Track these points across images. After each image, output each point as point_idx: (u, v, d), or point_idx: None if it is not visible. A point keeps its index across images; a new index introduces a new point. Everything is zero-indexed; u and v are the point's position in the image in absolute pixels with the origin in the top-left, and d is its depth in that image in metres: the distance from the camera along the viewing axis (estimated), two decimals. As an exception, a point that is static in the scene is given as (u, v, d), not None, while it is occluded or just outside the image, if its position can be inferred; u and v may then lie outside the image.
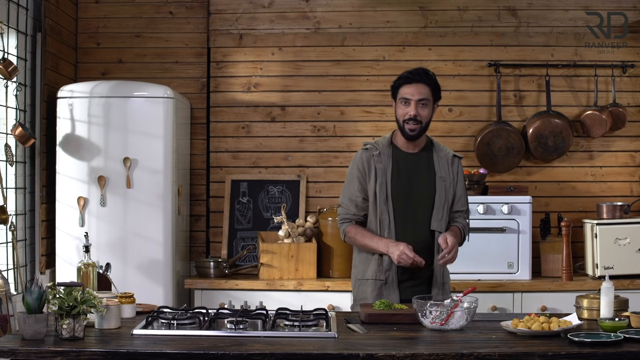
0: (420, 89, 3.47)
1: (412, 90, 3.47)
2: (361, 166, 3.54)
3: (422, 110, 3.47)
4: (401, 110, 3.50)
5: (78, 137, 4.46)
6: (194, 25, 5.11)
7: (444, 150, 3.64)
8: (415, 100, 3.46)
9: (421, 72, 3.51)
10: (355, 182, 3.55)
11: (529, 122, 4.96)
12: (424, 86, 3.48)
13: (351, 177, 3.59)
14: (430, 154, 3.58)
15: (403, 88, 3.49)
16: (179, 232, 4.66)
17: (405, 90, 3.48)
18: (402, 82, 3.50)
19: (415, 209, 3.51)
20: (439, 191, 3.52)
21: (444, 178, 3.55)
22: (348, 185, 3.60)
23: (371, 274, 3.51)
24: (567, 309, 3.78)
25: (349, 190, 3.58)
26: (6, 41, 4.06)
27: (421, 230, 3.51)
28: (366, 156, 3.54)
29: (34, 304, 2.75)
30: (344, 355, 2.56)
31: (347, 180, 3.61)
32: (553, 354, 2.56)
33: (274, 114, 5.08)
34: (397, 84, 3.53)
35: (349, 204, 3.57)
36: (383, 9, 5.06)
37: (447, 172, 3.57)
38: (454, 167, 3.60)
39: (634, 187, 5.02)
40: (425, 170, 3.55)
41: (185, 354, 2.57)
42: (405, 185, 3.50)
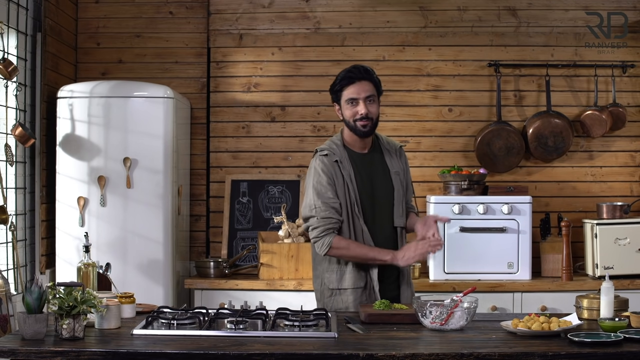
0: (364, 87, 3.44)
1: (357, 89, 3.43)
2: (328, 172, 3.42)
3: (371, 107, 3.45)
4: (349, 110, 3.45)
5: (78, 137, 4.46)
6: (194, 25, 5.11)
7: (390, 143, 3.64)
8: (363, 98, 3.43)
9: (361, 69, 3.47)
10: (327, 189, 3.41)
11: (529, 122, 4.96)
12: (367, 83, 3.45)
13: (319, 184, 3.42)
14: (379, 150, 3.59)
15: (347, 89, 3.44)
16: (179, 232, 4.66)
17: (350, 91, 3.44)
18: (344, 84, 3.45)
19: (379, 209, 3.50)
20: (396, 187, 3.53)
21: (397, 172, 3.56)
22: (319, 193, 3.41)
23: (350, 283, 3.44)
24: (567, 309, 3.78)
25: (322, 198, 3.40)
26: (6, 41, 4.07)
27: (387, 229, 3.51)
28: (329, 162, 3.45)
29: (34, 304, 2.75)
30: (344, 355, 2.56)
31: (315, 189, 3.42)
32: (553, 354, 2.56)
33: (274, 114, 5.08)
34: (340, 86, 3.46)
35: (326, 212, 3.39)
36: (383, 9, 5.06)
37: (398, 165, 3.59)
38: (402, 158, 3.63)
39: (634, 187, 5.02)
40: (380, 169, 3.54)
41: (185, 354, 2.57)
42: (367, 187, 3.48)
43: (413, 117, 5.03)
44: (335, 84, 3.50)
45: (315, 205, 3.42)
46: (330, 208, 3.40)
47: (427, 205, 4.80)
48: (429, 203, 4.72)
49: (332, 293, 3.49)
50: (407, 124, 5.04)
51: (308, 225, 3.45)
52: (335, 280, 3.47)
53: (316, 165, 3.46)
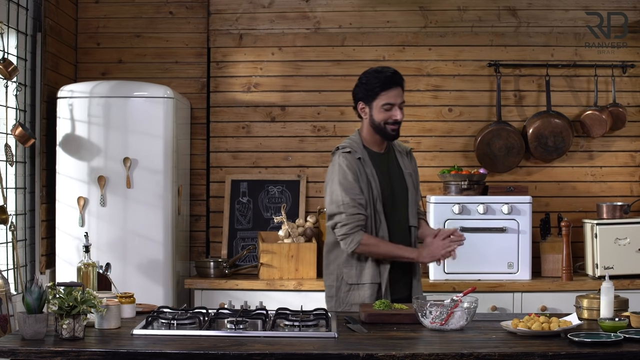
0: (399, 92, 3.49)
1: (394, 95, 3.47)
2: (353, 169, 3.45)
3: (402, 112, 3.50)
4: (382, 114, 3.47)
5: (78, 137, 4.46)
6: (194, 25, 5.11)
7: (400, 145, 3.70)
8: (398, 104, 3.48)
9: (398, 75, 3.50)
10: (354, 185, 3.43)
11: (529, 122, 4.96)
12: (400, 89, 3.50)
13: (346, 181, 3.43)
14: (392, 151, 3.63)
15: (385, 93, 3.46)
16: (179, 232, 4.66)
17: (388, 95, 3.46)
18: (384, 87, 3.46)
19: (396, 208, 3.54)
20: (410, 187, 3.59)
21: (410, 173, 3.63)
22: (346, 190, 3.42)
23: (368, 278, 3.47)
24: (567, 309, 3.78)
25: (350, 194, 3.41)
26: (6, 41, 4.07)
27: (403, 227, 3.56)
28: (352, 159, 3.47)
29: (34, 304, 2.75)
30: (344, 355, 2.56)
31: (341, 186, 3.43)
32: (553, 354, 2.56)
33: (274, 114, 5.08)
34: (378, 90, 3.47)
35: (357, 209, 3.40)
36: (383, 9, 5.06)
37: (410, 166, 3.65)
38: (412, 161, 3.70)
39: (634, 187, 5.02)
40: (396, 169, 3.59)
41: (185, 354, 2.57)
42: (387, 186, 3.52)
43: (413, 117, 5.03)
44: (368, 86, 3.49)
45: (342, 201, 3.42)
46: (357, 204, 3.42)
47: (427, 205, 4.80)
48: (429, 203, 4.71)
49: (350, 288, 3.51)
50: (407, 124, 5.00)
51: (335, 222, 3.44)
52: (354, 275, 3.50)
53: (340, 162, 3.47)
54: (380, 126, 3.49)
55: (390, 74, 3.48)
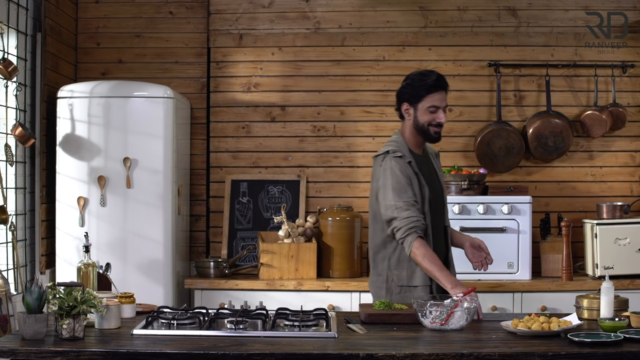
0: (444, 96, 3.53)
1: (440, 98, 3.50)
2: (405, 173, 3.45)
3: (446, 116, 3.54)
4: (427, 116, 3.49)
5: (78, 137, 4.46)
6: (194, 25, 5.11)
7: (430, 147, 3.73)
8: (443, 107, 3.52)
9: (443, 78, 3.54)
10: (408, 189, 3.41)
11: (529, 122, 4.96)
12: (444, 93, 3.54)
13: (398, 184, 3.41)
14: (427, 153, 3.68)
15: (432, 96, 3.48)
16: (179, 232, 4.66)
17: (435, 98, 3.49)
18: (432, 90, 3.48)
19: (436, 209, 3.56)
20: (444, 188, 3.67)
21: (441, 174, 3.70)
22: (399, 193, 3.40)
23: (420, 281, 3.44)
24: (567, 309, 3.78)
25: (403, 198, 3.39)
26: (6, 41, 4.06)
27: (441, 229, 3.59)
28: (403, 163, 3.47)
29: (34, 304, 2.75)
30: (344, 355, 2.56)
31: (395, 190, 3.41)
32: (553, 354, 2.56)
33: (274, 114, 5.08)
34: (424, 92, 3.49)
35: (410, 211, 3.37)
36: (383, 9, 5.06)
37: (439, 168, 3.72)
38: (439, 162, 3.76)
39: (634, 187, 5.02)
40: (432, 170, 3.64)
41: (185, 354, 2.57)
42: (431, 188, 3.53)
43: (413, 117, 5.02)
44: (414, 87, 3.51)
45: (396, 205, 3.40)
46: (411, 207, 3.39)
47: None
48: (429, 203, 4.72)
49: (400, 290, 3.49)
50: (407, 124, 5.03)
51: (392, 227, 3.41)
52: (405, 277, 3.47)
53: (393, 167, 3.46)
54: (424, 128, 3.52)
55: (437, 77, 3.52)
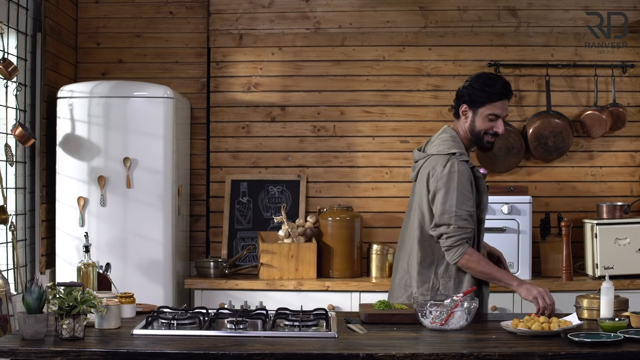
0: (506, 105, 3.43)
1: (502, 107, 3.40)
2: (469, 181, 3.35)
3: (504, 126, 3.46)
4: (486, 124, 3.40)
5: (78, 137, 4.46)
6: (194, 25, 5.11)
7: None
8: (503, 117, 3.43)
9: (509, 87, 3.43)
10: (470, 197, 3.32)
11: (529, 122, 4.96)
12: (507, 102, 3.44)
13: (464, 191, 3.31)
14: None
15: (494, 103, 3.38)
16: (179, 232, 4.66)
17: (497, 106, 3.38)
18: (496, 98, 3.38)
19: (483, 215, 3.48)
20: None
21: None
22: (462, 200, 3.30)
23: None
24: (567, 309, 3.77)
25: (464, 207, 3.29)
26: (6, 41, 4.06)
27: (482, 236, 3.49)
28: (468, 168, 3.38)
29: (34, 304, 2.75)
30: (344, 355, 2.56)
31: (458, 196, 3.29)
32: (553, 354, 2.56)
33: (274, 114, 5.08)
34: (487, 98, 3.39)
35: (465, 222, 3.29)
36: (383, 9, 5.06)
37: None
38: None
39: (634, 187, 5.02)
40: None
41: (185, 354, 2.57)
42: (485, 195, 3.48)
43: (413, 117, 5.03)
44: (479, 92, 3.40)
45: (456, 213, 3.28)
46: (468, 217, 3.31)
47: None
48: (429, 203, 4.72)
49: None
50: (407, 124, 5.04)
51: (441, 232, 3.30)
52: (452, 287, 3.34)
53: (461, 171, 3.32)
54: (480, 135, 3.43)
55: (504, 86, 3.41)
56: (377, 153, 5.02)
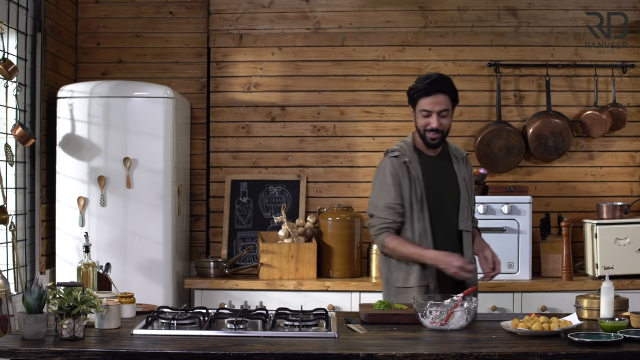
0: (439, 100, 3.43)
1: (432, 102, 3.42)
2: (394, 173, 3.46)
3: (443, 120, 3.45)
4: (422, 120, 3.46)
5: (78, 137, 4.46)
6: (194, 25, 5.11)
7: (457, 149, 3.67)
8: (436, 112, 3.43)
9: (439, 81, 3.45)
10: (391, 190, 3.44)
11: (529, 122, 4.96)
12: (443, 96, 3.43)
13: (384, 185, 3.47)
14: (447, 155, 3.60)
15: (422, 100, 3.44)
16: (179, 232, 4.66)
17: (425, 102, 3.43)
18: (421, 95, 3.44)
19: (445, 211, 3.50)
20: (462, 192, 3.54)
21: (464, 178, 3.57)
22: (381, 193, 3.47)
23: (415, 282, 3.43)
24: (567, 309, 3.78)
25: (384, 199, 3.45)
26: (6, 41, 4.06)
27: (451, 232, 3.51)
28: (397, 163, 3.47)
29: (34, 304, 2.75)
30: (344, 355, 2.56)
31: (379, 189, 3.48)
32: (553, 354, 2.56)
33: (274, 114, 5.08)
34: (416, 96, 3.46)
35: (386, 212, 3.44)
36: (383, 9, 5.06)
37: (465, 171, 3.60)
38: (468, 166, 3.65)
39: (634, 187, 5.02)
40: (448, 172, 3.56)
41: (185, 354, 2.57)
42: (435, 189, 3.49)
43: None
44: (411, 91, 3.49)
45: (376, 204, 3.48)
46: (388, 209, 3.44)
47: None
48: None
49: (398, 292, 3.48)
50: (407, 124, 5.03)
51: (368, 223, 3.52)
52: (401, 278, 3.47)
53: (385, 166, 3.50)
54: (421, 132, 3.50)
55: (432, 80, 3.44)
56: (377, 153, 5.01)
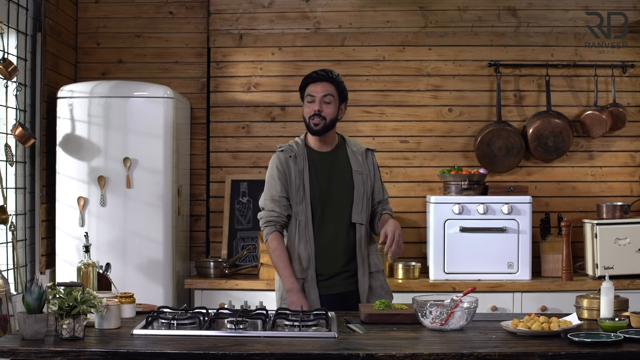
0: (324, 87, 3.58)
1: (317, 88, 3.58)
2: (281, 167, 3.58)
3: (327, 108, 3.56)
4: (307, 108, 3.58)
5: (78, 137, 4.46)
6: (194, 25, 5.11)
7: (357, 145, 3.74)
8: (320, 97, 3.56)
9: (328, 72, 3.62)
10: (276, 183, 3.58)
11: (529, 122, 4.96)
12: (328, 84, 3.59)
13: (271, 178, 3.61)
14: (343, 150, 3.68)
15: (309, 87, 3.59)
16: (179, 232, 4.66)
17: (311, 89, 3.59)
18: (308, 82, 3.60)
19: (335, 206, 3.58)
20: (357, 185, 3.61)
21: (360, 171, 3.64)
22: (269, 187, 3.61)
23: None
24: (567, 309, 3.78)
25: (271, 192, 3.59)
26: (6, 41, 4.07)
27: (342, 225, 3.58)
28: (284, 157, 3.59)
29: (34, 304, 2.75)
30: (344, 355, 2.56)
31: (268, 183, 3.63)
32: (553, 354, 2.56)
33: (274, 114, 5.08)
34: (304, 84, 3.62)
35: (271, 205, 3.58)
36: (383, 9, 5.06)
37: (362, 165, 3.66)
38: (368, 160, 3.70)
39: (634, 187, 5.02)
40: (341, 167, 3.63)
41: (185, 354, 2.57)
42: (323, 184, 3.57)
43: (413, 117, 5.03)
44: (302, 82, 3.64)
45: (264, 197, 3.64)
46: (275, 202, 3.58)
47: (427, 205, 4.81)
48: (428, 203, 4.72)
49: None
50: (407, 124, 5.04)
51: (258, 215, 3.68)
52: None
53: (272, 161, 3.65)
54: (306, 121, 3.60)
55: (319, 70, 3.64)
56: (377, 153, 5.00)
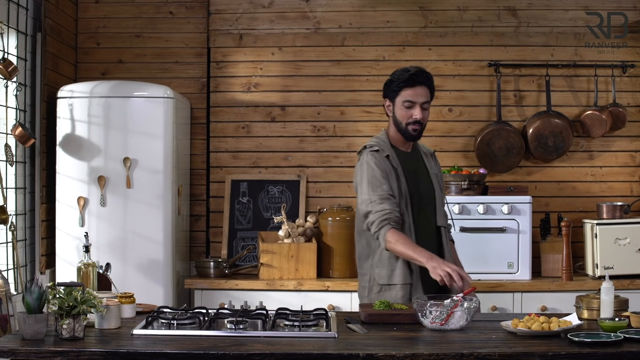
0: (423, 92, 3.45)
1: (416, 94, 3.43)
2: (381, 166, 3.42)
3: (425, 114, 3.47)
4: (404, 112, 3.45)
5: (78, 137, 4.46)
6: (194, 25, 5.11)
7: (424, 146, 3.69)
8: (420, 103, 3.44)
9: (423, 73, 3.47)
10: (383, 182, 3.38)
11: (529, 122, 4.96)
12: (426, 89, 3.46)
13: (374, 178, 3.39)
14: (418, 152, 3.62)
15: (406, 90, 3.44)
16: (179, 232, 4.66)
17: (409, 93, 3.44)
18: (404, 85, 3.44)
19: (424, 207, 3.49)
20: (436, 188, 3.56)
21: (436, 174, 3.60)
22: (372, 187, 3.38)
23: (400, 279, 3.39)
24: (567, 309, 3.78)
25: (378, 192, 3.36)
26: (6, 41, 4.07)
27: (431, 228, 3.51)
28: (380, 157, 3.45)
29: (34, 304, 2.75)
30: (344, 355, 2.56)
31: (369, 184, 3.39)
32: (553, 354, 2.56)
33: (274, 114, 5.08)
34: (398, 87, 3.46)
35: (383, 204, 3.34)
36: (383, 9, 5.06)
37: (435, 167, 3.63)
38: (436, 162, 3.68)
39: (634, 187, 5.02)
40: (422, 168, 3.57)
41: (185, 354, 2.57)
42: (414, 185, 3.48)
43: (413, 117, 5.03)
44: (392, 82, 3.49)
45: (371, 199, 3.37)
46: (385, 200, 3.36)
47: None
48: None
49: (381, 289, 3.44)
50: (407, 124, 5.04)
51: (367, 222, 3.38)
52: (385, 275, 3.42)
53: (368, 160, 3.44)
54: (402, 125, 3.47)
55: (415, 72, 3.46)
56: (377, 153, 5.02)
